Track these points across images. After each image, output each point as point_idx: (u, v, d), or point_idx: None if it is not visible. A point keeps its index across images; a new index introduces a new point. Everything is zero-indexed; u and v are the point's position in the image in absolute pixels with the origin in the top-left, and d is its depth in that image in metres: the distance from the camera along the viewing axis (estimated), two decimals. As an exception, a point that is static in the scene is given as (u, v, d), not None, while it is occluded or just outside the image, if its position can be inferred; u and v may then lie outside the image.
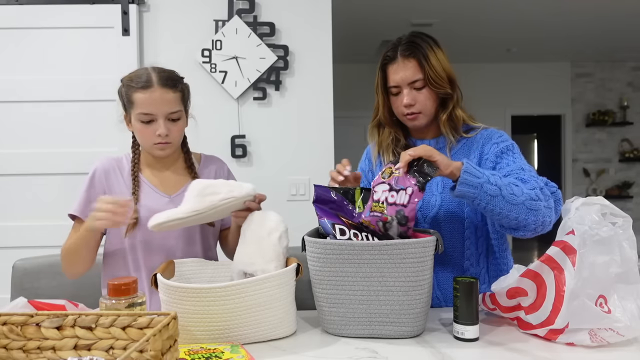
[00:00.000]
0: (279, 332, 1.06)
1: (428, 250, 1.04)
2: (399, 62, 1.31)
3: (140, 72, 1.31)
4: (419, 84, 1.30)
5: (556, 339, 1.00)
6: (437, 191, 1.34)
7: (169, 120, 1.31)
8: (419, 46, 1.30)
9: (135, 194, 1.34)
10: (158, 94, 1.27)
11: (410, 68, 1.29)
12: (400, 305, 1.04)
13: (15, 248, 2.32)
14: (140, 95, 1.27)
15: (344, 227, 1.12)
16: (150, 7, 2.49)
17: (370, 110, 1.45)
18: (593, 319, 0.95)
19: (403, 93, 1.31)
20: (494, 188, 1.09)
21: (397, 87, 1.32)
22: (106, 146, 2.39)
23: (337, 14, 2.71)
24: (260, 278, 1.02)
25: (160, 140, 1.30)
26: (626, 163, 6.64)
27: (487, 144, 1.33)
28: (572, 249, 0.98)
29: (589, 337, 0.96)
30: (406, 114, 1.33)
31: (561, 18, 4.67)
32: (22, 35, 2.40)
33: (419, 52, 1.29)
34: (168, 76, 1.32)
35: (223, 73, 2.48)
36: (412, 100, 1.31)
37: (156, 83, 1.28)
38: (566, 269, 0.99)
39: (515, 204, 1.10)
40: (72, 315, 0.81)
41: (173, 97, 1.30)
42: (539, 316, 1.02)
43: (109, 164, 1.39)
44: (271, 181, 2.51)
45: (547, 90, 6.57)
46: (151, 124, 1.29)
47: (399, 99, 1.33)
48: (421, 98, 1.31)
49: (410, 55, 1.30)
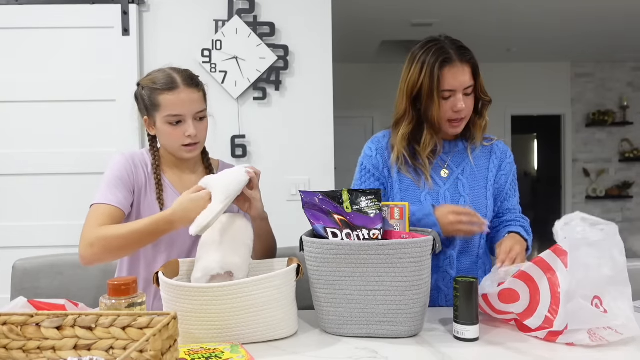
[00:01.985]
0: (279, 332, 1.06)
1: (425, 251, 1.04)
2: (458, 65, 1.28)
3: (161, 75, 1.30)
4: (470, 90, 1.31)
5: (556, 340, 1.00)
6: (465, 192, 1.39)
7: (196, 120, 1.30)
8: (470, 52, 1.31)
9: (160, 198, 1.32)
10: (185, 94, 1.27)
11: (467, 73, 1.29)
12: (398, 305, 1.04)
13: (15, 248, 2.32)
14: (168, 97, 1.26)
15: (336, 230, 1.12)
16: (150, 7, 2.49)
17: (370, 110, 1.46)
18: (591, 319, 0.96)
19: (456, 98, 1.29)
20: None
21: (451, 92, 1.29)
22: (106, 146, 2.39)
23: (337, 14, 2.71)
24: (259, 278, 1.02)
25: (190, 141, 1.29)
26: (626, 163, 6.64)
27: (505, 160, 1.44)
28: (562, 251, 1.00)
29: (589, 336, 0.97)
30: (454, 120, 1.32)
31: (561, 18, 4.67)
32: (22, 35, 2.40)
33: (472, 58, 1.30)
34: (190, 76, 1.32)
35: (223, 73, 2.48)
36: (465, 106, 1.30)
37: (181, 84, 1.28)
38: (558, 270, 1.00)
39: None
40: (72, 315, 0.81)
41: (198, 97, 1.30)
42: (534, 322, 1.03)
43: (134, 158, 1.35)
44: (271, 181, 2.51)
45: (547, 90, 6.57)
46: (179, 125, 1.28)
47: (449, 103, 1.30)
48: (469, 104, 1.32)
49: (469, 60, 1.29)
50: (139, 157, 1.36)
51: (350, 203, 1.17)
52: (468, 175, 1.39)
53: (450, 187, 1.37)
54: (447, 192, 1.37)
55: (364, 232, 1.12)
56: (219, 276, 1.11)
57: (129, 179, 1.31)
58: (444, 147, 1.41)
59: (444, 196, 1.37)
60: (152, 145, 1.39)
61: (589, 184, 6.68)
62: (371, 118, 6.43)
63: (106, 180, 1.30)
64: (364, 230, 1.12)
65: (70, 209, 2.35)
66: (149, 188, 1.34)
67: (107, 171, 1.32)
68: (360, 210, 1.15)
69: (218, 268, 1.10)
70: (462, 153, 1.41)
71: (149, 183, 1.35)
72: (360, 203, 1.16)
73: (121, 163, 1.32)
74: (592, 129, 6.62)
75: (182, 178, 1.39)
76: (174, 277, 1.14)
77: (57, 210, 2.39)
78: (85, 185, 2.26)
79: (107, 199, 1.26)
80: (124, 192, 1.29)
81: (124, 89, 2.28)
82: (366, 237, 1.11)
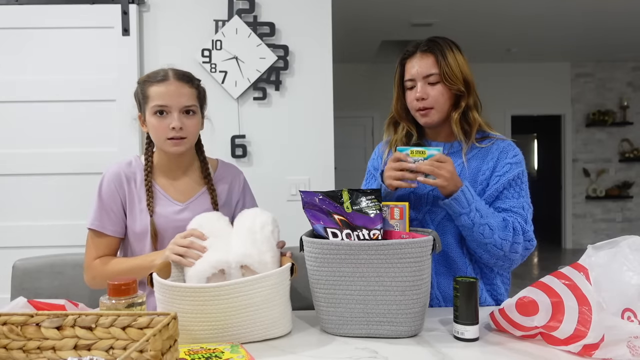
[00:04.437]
0: (274, 331, 1.06)
1: (425, 250, 1.04)
2: (417, 56, 1.34)
3: (158, 70, 1.34)
4: (434, 78, 1.31)
5: (592, 355, 0.92)
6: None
7: (184, 113, 1.31)
8: (437, 44, 1.33)
9: (150, 205, 1.33)
10: (174, 86, 1.29)
11: (426, 62, 1.32)
12: (398, 305, 1.04)
13: (15, 248, 2.31)
14: (156, 88, 1.29)
15: (336, 230, 1.12)
16: (150, 7, 2.49)
17: (370, 110, 1.47)
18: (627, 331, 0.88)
19: (417, 87, 1.33)
20: (468, 222, 1.23)
21: (412, 81, 1.34)
22: (106, 146, 2.39)
23: (337, 14, 2.71)
24: (254, 278, 1.03)
25: (174, 134, 1.29)
26: (626, 163, 6.64)
27: (502, 159, 1.33)
28: (582, 267, 0.94)
29: (629, 350, 0.88)
30: (418, 109, 1.34)
31: (561, 18, 4.67)
32: (22, 35, 2.40)
33: (436, 49, 1.32)
34: (185, 73, 1.35)
35: (223, 73, 2.48)
36: (424, 94, 1.32)
37: (172, 77, 1.31)
38: (580, 284, 0.93)
39: (478, 242, 1.25)
40: (72, 315, 0.81)
41: (189, 92, 1.32)
42: (564, 331, 0.95)
43: (118, 172, 1.36)
44: (271, 181, 2.51)
45: (547, 90, 6.58)
46: (165, 117, 1.29)
47: (413, 93, 1.35)
48: (434, 93, 1.32)
49: (428, 51, 1.33)
50: (128, 168, 1.37)
51: (351, 203, 1.17)
52: None
53: (435, 188, 1.30)
54: (431, 193, 1.34)
55: (364, 232, 1.12)
56: (213, 276, 1.12)
57: (114, 203, 1.34)
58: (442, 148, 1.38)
59: (426, 197, 1.35)
60: (147, 148, 1.39)
61: (589, 184, 6.68)
62: (371, 118, 6.44)
63: (96, 202, 1.35)
64: (364, 230, 1.12)
65: (70, 209, 2.35)
66: (139, 196, 1.35)
67: (97, 191, 1.36)
68: (360, 210, 1.15)
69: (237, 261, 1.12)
70: (456, 154, 1.37)
71: (140, 191, 1.36)
72: (360, 203, 1.16)
73: (105, 185, 1.35)
74: (592, 129, 6.63)
75: (173, 183, 1.39)
76: (167, 279, 1.14)
77: (57, 210, 2.39)
78: (85, 185, 2.26)
79: (102, 227, 1.33)
80: (113, 219, 1.34)
81: (124, 89, 2.28)
82: (366, 237, 1.11)
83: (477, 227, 1.22)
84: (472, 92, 1.35)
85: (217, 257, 1.12)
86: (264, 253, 1.13)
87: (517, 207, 1.29)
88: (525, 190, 1.33)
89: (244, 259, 1.11)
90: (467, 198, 1.22)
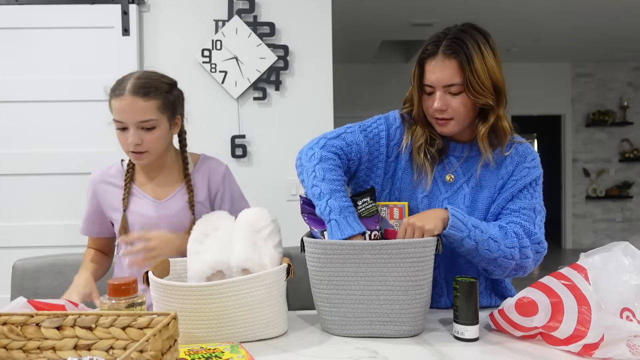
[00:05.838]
0: (270, 331, 1.06)
1: (428, 250, 1.04)
2: (438, 59, 1.15)
3: (122, 78, 1.31)
4: (456, 89, 1.15)
5: (592, 355, 0.92)
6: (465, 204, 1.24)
7: (142, 129, 1.28)
8: (464, 44, 1.13)
9: (125, 200, 1.36)
10: (126, 102, 1.25)
11: (448, 69, 1.13)
12: (400, 304, 1.04)
13: (15, 248, 2.31)
14: (114, 102, 1.28)
15: None
16: (150, 7, 2.49)
17: (370, 110, 1.43)
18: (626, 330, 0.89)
19: (436, 95, 1.17)
20: (472, 243, 1.11)
21: (431, 87, 1.17)
22: (105, 146, 2.37)
23: (337, 14, 2.71)
24: (248, 277, 1.03)
25: (134, 149, 1.28)
26: (626, 163, 6.64)
27: (520, 164, 1.24)
28: (582, 268, 0.94)
29: (629, 349, 0.88)
30: (436, 118, 1.20)
31: (561, 18, 4.67)
32: (22, 35, 2.40)
33: (462, 52, 1.12)
34: (142, 84, 1.27)
35: (223, 73, 2.48)
36: (444, 105, 1.16)
37: (127, 91, 1.25)
38: (579, 284, 0.93)
39: (487, 259, 1.14)
40: (72, 315, 0.81)
41: (144, 106, 1.26)
42: (564, 331, 0.95)
43: (97, 179, 1.42)
44: (271, 181, 2.51)
45: (547, 90, 6.58)
46: (125, 132, 1.29)
47: (431, 100, 1.19)
48: (455, 104, 1.16)
49: (452, 54, 1.13)
50: (111, 171, 1.42)
51: None
52: (473, 185, 1.24)
53: (451, 195, 1.24)
54: (446, 201, 1.24)
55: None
56: (213, 277, 1.12)
57: (96, 206, 1.42)
58: (457, 149, 1.26)
59: (442, 204, 1.23)
60: None
61: (589, 184, 6.68)
62: (371, 118, 6.43)
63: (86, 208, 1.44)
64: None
65: (70, 209, 2.34)
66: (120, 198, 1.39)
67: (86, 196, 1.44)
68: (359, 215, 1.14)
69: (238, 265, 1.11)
70: (474, 158, 1.25)
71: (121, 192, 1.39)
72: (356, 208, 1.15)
73: (89, 192, 1.43)
74: (592, 129, 6.63)
75: (151, 181, 1.41)
76: (164, 277, 1.15)
77: (57, 210, 2.39)
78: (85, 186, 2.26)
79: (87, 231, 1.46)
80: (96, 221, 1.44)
81: (124, 89, 2.28)
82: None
83: (482, 244, 1.12)
84: (501, 100, 1.17)
85: (216, 259, 1.12)
86: (264, 256, 1.13)
87: (527, 209, 1.20)
88: (538, 192, 1.24)
89: (245, 263, 1.12)
90: (460, 218, 1.10)
